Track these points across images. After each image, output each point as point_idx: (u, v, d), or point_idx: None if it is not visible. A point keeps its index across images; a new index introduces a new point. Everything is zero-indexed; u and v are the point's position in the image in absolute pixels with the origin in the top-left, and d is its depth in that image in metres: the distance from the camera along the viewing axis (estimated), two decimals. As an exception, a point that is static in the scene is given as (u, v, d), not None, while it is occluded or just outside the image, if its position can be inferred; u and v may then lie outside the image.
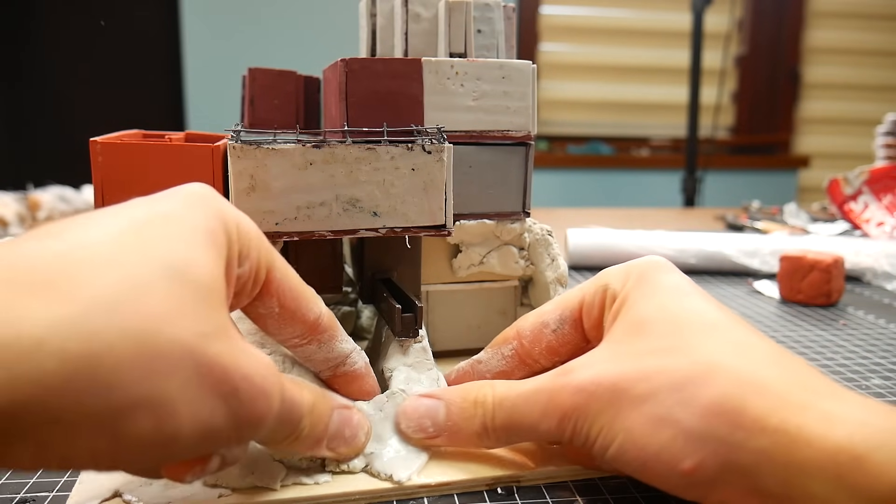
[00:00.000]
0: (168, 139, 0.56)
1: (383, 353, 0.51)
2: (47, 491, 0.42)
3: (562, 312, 0.44)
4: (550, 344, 0.45)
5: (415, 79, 0.52)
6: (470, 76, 0.54)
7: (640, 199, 3.04)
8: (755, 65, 3.29)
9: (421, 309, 0.48)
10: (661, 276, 0.41)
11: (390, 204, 0.47)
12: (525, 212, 0.58)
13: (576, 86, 3.17)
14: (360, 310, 0.67)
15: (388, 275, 0.56)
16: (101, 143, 0.50)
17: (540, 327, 0.45)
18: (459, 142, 0.54)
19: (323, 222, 0.46)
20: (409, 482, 0.41)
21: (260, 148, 0.44)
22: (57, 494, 0.41)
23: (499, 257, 0.59)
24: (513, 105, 0.55)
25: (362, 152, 0.46)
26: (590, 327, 0.44)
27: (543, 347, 0.45)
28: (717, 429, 0.33)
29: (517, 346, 0.45)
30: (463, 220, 0.57)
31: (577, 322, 0.44)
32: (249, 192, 0.44)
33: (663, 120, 3.22)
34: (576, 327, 0.44)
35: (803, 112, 3.34)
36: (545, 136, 3.16)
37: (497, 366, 0.47)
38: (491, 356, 0.47)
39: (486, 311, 0.62)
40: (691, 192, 2.12)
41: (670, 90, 3.14)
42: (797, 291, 0.88)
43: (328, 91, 0.57)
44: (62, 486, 0.42)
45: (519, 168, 0.57)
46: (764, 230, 1.36)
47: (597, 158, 3.14)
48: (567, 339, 0.44)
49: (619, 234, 1.07)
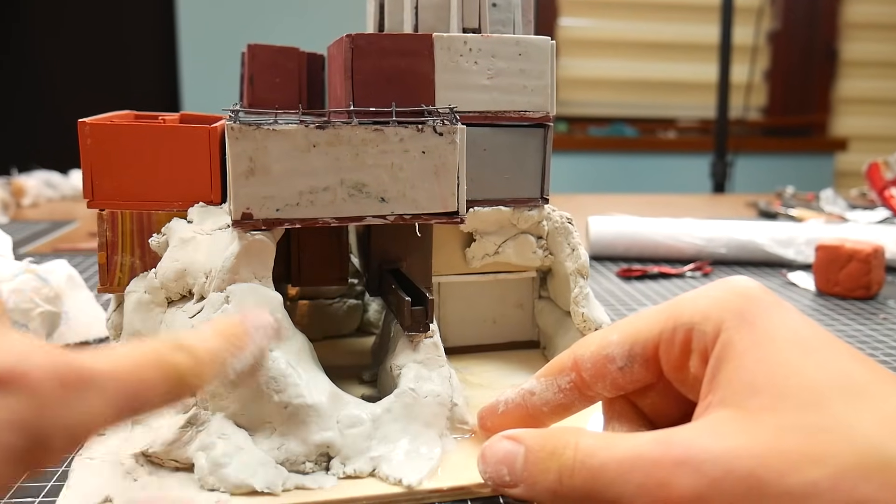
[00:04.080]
0: (162, 120, 0.56)
1: (392, 349, 0.51)
2: (32, 496, 0.42)
3: (631, 348, 0.40)
4: (616, 381, 0.40)
5: (425, 56, 0.52)
6: (484, 53, 0.54)
7: (667, 185, 3.03)
8: (789, 41, 3.27)
9: (432, 302, 0.48)
10: (770, 319, 0.35)
11: (399, 189, 0.47)
12: (543, 198, 0.58)
13: (598, 63, 3.16)
14: (367, 303, 0.67)
15: (396, 265, 0.56)
16: (91, 124, 0.50)
17: (604, 361, 0.41)
18: (473, 123, 0.54)
19: (327, 208, 0.46)
20: (419, 486, 0.41)
21: (260, 129, 0.44)
22: (43, 500, 0.42)
23: (515, 247, 0.59)
24: (530, 84, 0.55)
25: (369, 134, 0.46)
26: (670, 369, 0.39)
27: (608, 384, 0.41)
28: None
29: (575, 379, 0.42)
30: (477, 206, 0.56)
31: (651, 361, 0.39)
32: (248, 176, 0.44)
33: (691, 100, 3.20)
34: (648, 367, 0.39)
35: (840, 91, 3.32)
36: (565, 118, 3.15)
37: (554, 399, 0.43)
38: (546, 388, 0.43)
39: (502, 305, 0.62)
40: (721, 178, 2.11)
41: (699, 68, 3.12)
42: (834, 283, 0.87)
43: (333, 69, 0.57)
44: (48, 490, 0.42)
45: (537, 151, 0.57)
46: (799, 218, 1.36)
47: (620, 141, 3.13)
48: (636, 378, 0.40)
49: (643, 223, 1.06)
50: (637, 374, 0.40)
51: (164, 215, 0.52)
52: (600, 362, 0.40)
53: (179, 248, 0.49)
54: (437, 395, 0.46)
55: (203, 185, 0.51)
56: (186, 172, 0.51)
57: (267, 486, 0.40)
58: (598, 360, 0.41)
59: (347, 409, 0.45)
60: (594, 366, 0.41)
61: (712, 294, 0.37)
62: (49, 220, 1.31)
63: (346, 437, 0.43)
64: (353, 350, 0.64)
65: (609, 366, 0.40)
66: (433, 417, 0.46)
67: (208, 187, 0.52)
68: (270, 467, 0.42)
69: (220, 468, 0.41)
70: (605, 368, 0.40)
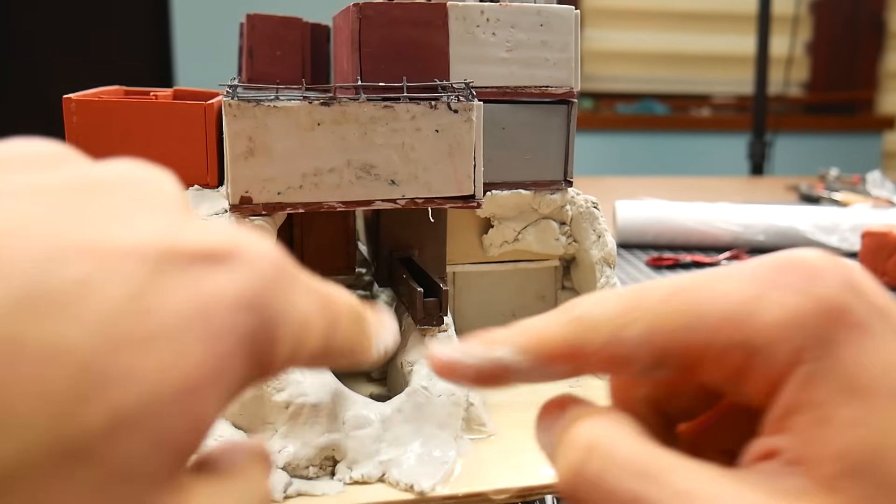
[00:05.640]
0: (153, 96, 0.56)
1: (403, 343, 0.51)
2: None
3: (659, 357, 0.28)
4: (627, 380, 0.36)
5: (439, 26, 0.52)
6: (503, 23, 0.53)
7: (700, 167, 3.02)
8: (833, 11, 3.25)
9: (446, 293, 0.48)
10: (867, 354, 0.28)
11: (410, 171, 0.47)
12: (567, 181, 0.58)
13: (626, 35, 3.15)
14: (376, 294, 0.67)
15: (408, 253, 0.56)
16: (77, 100, 0.50)
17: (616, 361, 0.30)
18: (491, 99, 0.53)
19: (333, 192, 0.46)
20: (433, 493, 0.41)
21: (260, 106, 0.44)
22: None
23: (536, 233, 0.59)
24: (552, 57, 0.55)
25: (378, 111, 0.45)
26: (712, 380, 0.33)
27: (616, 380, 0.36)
28: None
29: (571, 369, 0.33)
30: (495, 189, 0.56)
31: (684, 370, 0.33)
32: (247, 157, 0.44)
33: (727, 74, 3.19)
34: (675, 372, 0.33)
35: (888, 65, 3.30)
36: (590, 93, 3.15)
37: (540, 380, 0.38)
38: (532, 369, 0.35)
39: (522, 296, 0.62)
40: (759, 159, 2.11)
41: (735, 40, 3.11)
42: (882, 273, 0.87)
43: (339, 41, 0.57)
44: None
45: (560, 130, 0.57)
46: (843, 202, 1.35)
47: (650, 119, 3.12)
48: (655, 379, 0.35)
49: (675, 207, 1.06)
50: (657, 376, 0.35)
51: (157, 199, 0.52)
52: (611, 361, 0.34)
53: (173, 235, 0.49)
54: (452, 394, 0.46)
55: (198, 166, 0.51)
56: (180, 153, 0.51)
57: (267, 491, 0.40)
58: (607, 357, 0.34)
59: (354, 408, 0.44)
60: (601, 362, 0.34)
61: (784, 301, 0.30)
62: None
63: (352, 439, 0.43)
64: (360, 345, 0.64)
65: (622, 367, 0.34)
66: (447, 418, 0.45)
67: (204, 169, 0.52)
68: (271, 472, 0.42)
69: (216, 472, 0.41)
70: (617, 367, 0.34)
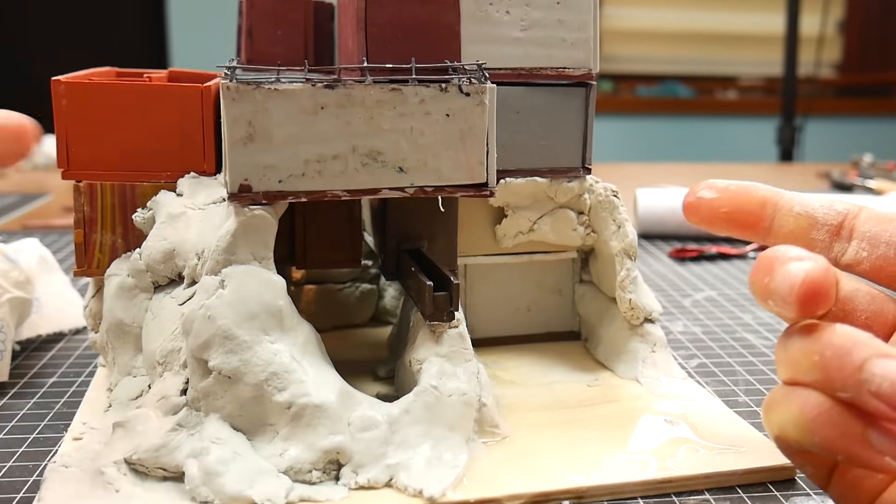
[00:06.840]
0: (147, 78, 0.56)
1: (411, 340, 0.51)
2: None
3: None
4: None
5: (450, 4, 0.52)
6: (517, 1, 0.53)
7: (726, 153, 3.02)
8: (869, -14, 3.25)
9: (457, 286, 0.48)
10: None
11: (419, 157, 0.47)
12: (585, 168, 0.58)
13: (648, 13, 3.15)
14: (383, 288, 0.67)
15: (416, 245, 0.55)
16: (66, 82, 0.50)
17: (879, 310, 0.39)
18: (504, 81, 0.53)
19: (337, 179, 0.46)
20: (442, 498, 0.41)
21: (260, 88, 0.44)
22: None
23: (552, 223, 0.59)
24: (570, 36, 0.55)
25: (385, 94, 0.45)
26: None
27: None
28: None
29: None
30: (509, 177, 0.56)
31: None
32: (247, 143, 0.44)
33: (754, 55, 3.18)
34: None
35: (928, 45, 3.30)
36: (610, 75, 3.14)
37: None
38: None
39: (538, 290, 0.62)
40: (789, 144, 2.10)
41: (763, 18, 3.10)
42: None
43: (344, 19, 0.57)
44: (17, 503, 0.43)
45: (577, 114, 0.57)
46: (878, 190, 1.35)
47: (673, 102, 3.12)
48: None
49: (699, 196, 1.06)
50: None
51: (150, 187, 0.52)
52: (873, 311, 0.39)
53: (168, 225, 0.49)
54: (463, 394, 0.46)
55: (195, 152, 0.51)
56: (175, 138, 0.51)
57: (267, 498, 0.40)
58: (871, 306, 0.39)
59: (360, 409, 0.44)
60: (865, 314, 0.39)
61: None
62: (18, 193, 1.32)
63: (358, 441, 0.43)
64: (366, 342, 0.64)
65: None
66: (458, 419, 0.45)
67: (201, 155, 0.52)
68: (272, 476, 0.42)
69: (214, 477, 0.41)
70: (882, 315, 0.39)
